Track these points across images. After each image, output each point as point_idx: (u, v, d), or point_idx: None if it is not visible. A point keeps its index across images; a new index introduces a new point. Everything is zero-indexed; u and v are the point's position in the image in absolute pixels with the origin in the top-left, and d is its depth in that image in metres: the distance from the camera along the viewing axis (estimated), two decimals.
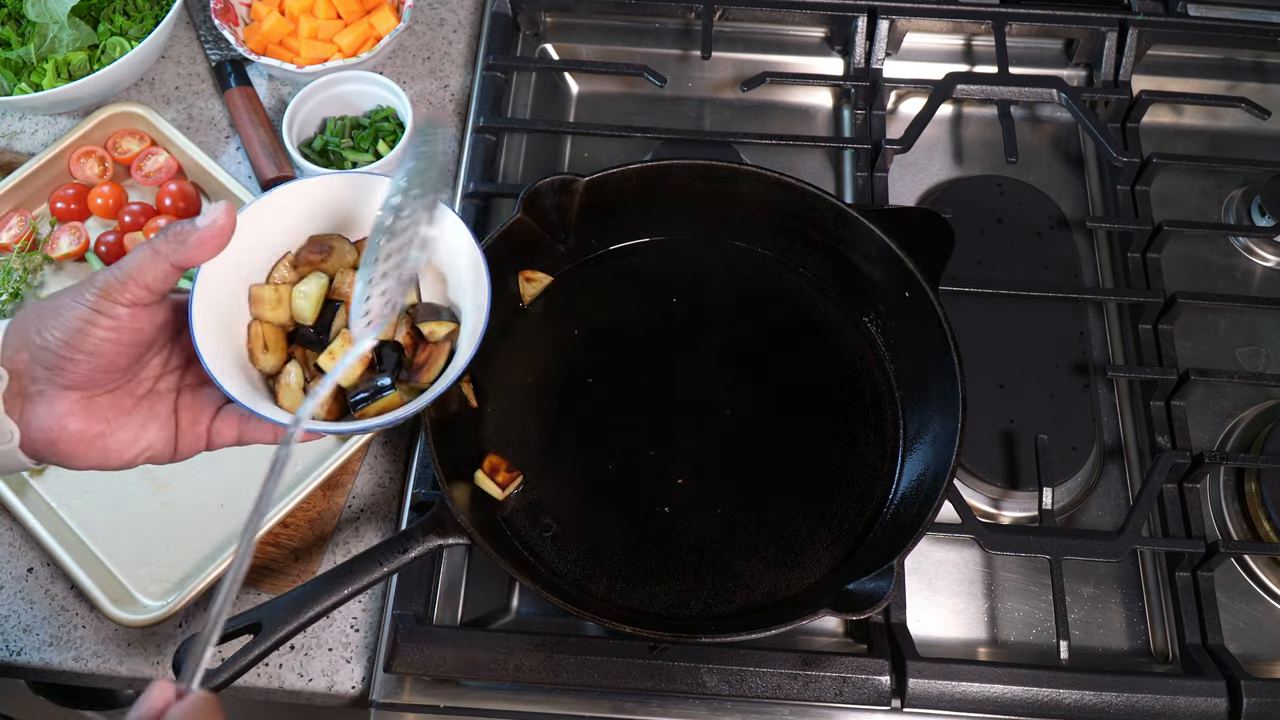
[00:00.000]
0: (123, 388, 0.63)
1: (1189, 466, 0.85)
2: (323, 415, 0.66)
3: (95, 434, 0.61)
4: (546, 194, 0.85)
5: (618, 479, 0.83)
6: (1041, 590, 0.84)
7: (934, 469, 0.79)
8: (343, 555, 0.85)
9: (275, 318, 0.67)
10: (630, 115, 1.07)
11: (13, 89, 0.98)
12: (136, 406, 0.63)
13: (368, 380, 0.67)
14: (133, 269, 0.59)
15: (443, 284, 0.71)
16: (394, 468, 0.89)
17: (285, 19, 1.03)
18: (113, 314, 0.59)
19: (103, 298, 0.58)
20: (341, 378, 0.65)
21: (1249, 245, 1.00)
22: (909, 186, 1.03)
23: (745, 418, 0.85)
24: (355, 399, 0.66)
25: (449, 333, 0.69)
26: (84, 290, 0.59)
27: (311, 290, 0.67)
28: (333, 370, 0.63)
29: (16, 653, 0.81)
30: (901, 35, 1.08)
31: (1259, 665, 0.82)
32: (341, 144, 0.97)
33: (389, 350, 0.68)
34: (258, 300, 0.67)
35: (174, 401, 0.65)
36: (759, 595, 0.78)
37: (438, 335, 0.69)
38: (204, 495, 0.86)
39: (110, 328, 0.59)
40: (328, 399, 0.66)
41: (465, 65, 1.09)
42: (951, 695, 0.76)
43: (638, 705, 0.78)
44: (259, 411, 0.62)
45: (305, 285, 0.68)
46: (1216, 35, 1.07)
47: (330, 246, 0.68)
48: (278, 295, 0.67)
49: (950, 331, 0.80)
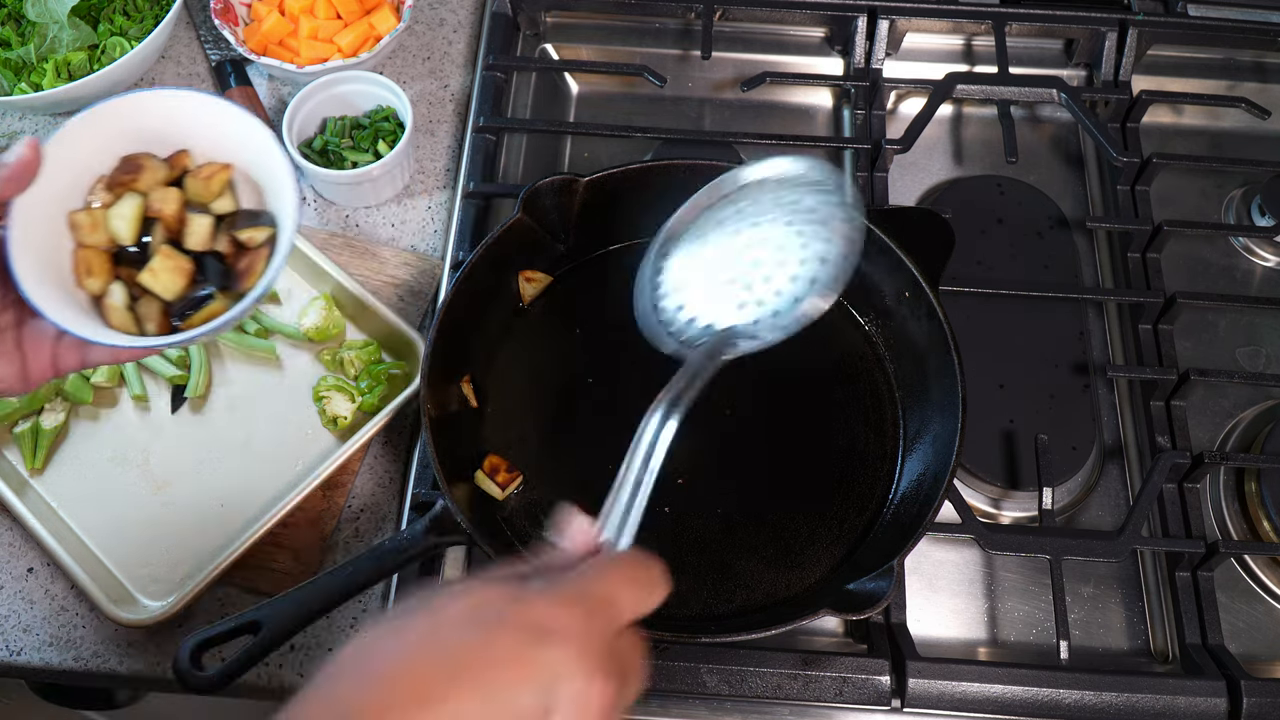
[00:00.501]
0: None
1: (1189, 466, 0.85)
2: (154, 330, 0.68)
3: None
4: (546, 194, 0.85)
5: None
6: (1041, 590, 0.84)
7: (934, 469, 0.79)
8: (343, 555, 0.85)
9: (95, 241, 0.69)
10: (630, 115, 1.07)
11: (13, 89, 0.98)
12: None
13: (191, 291, 0.69)
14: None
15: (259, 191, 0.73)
16: (394, 468, 0.89)
17: (285, 19, 1.03)
18: None
19: None
20: (164, 291, 0.68)
21: (1249, 245, 1.00)
22: (909, 186, 1.03)
23: (745, 418, 0.85)
24: (179, 312, 0.68)
25: (267, 237, 0.70)
26: None
27: (127, 212, 0.69)
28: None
29: (16, 653, 0.81)
30: (901, 35, 1.08)
31: (1259, 665, 0.82)
32: (341, 144, 0.97)
33: (211, 260, 0.69)
34: (76, 226, 0.68)
35: (17, 334, 0.66)
36: (759, 595, 0.78)
37: (256, 240, 0.70)
38: (204, 495, 0.86)
39: None
40: (156, 314, 0.68)
41: (465, 65, 1.09)
42: (951, 695, 0.76)
43: (638, 705, 0.77)
44: (84, 335, 0.63)
45: (120, 207, 0.69)
46: (1216, 35, 1.07)
47: (141, 165, 0.70)
48: (93, 219, 0.68)
49: (950, 331, 0.80)
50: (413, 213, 1.00)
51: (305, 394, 0.90)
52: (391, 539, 0.72)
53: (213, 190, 0.71)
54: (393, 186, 0.99)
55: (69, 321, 0.63)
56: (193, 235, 0.70)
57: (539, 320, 0.89)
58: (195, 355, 0.89)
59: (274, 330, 0.92)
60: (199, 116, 0.71)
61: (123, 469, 0.87)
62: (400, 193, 1.01)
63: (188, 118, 0.70)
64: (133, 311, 0.69)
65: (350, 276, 0.91)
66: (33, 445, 0.86)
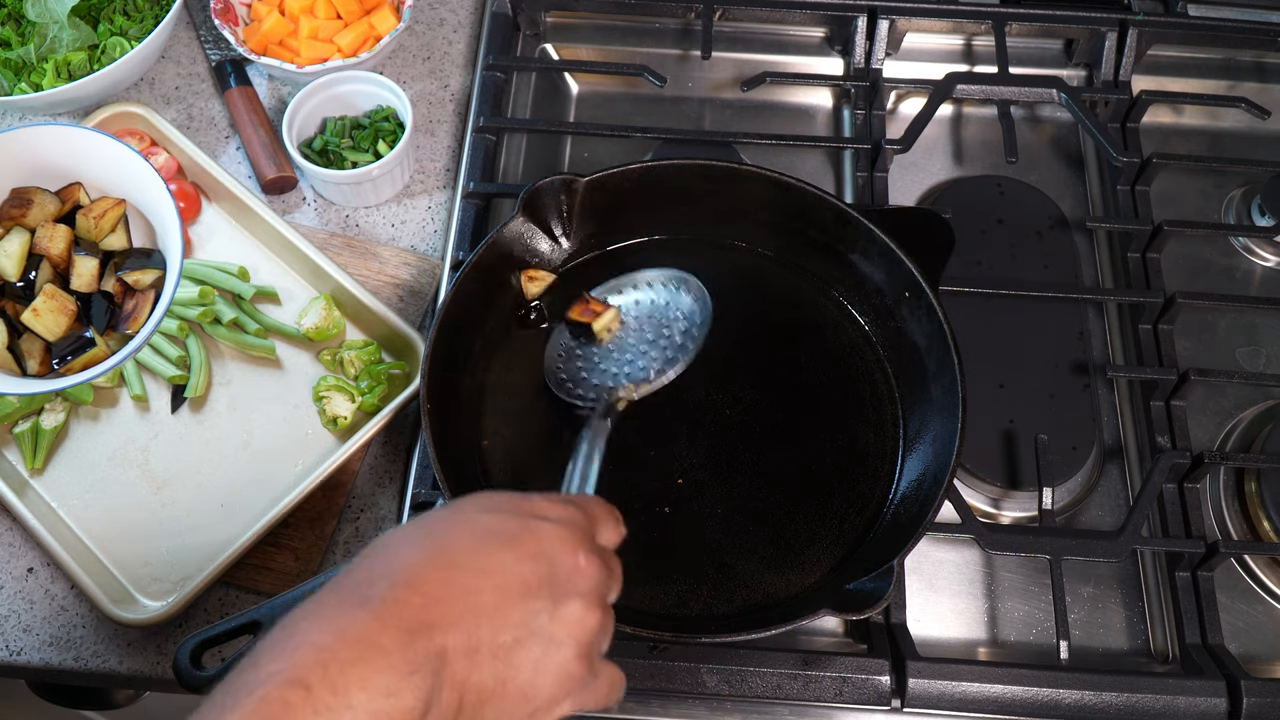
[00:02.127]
0: None
1: (1189, 466, 0.85)
2: (35, 368, 0.68)
3: None
4: (546, 194, 0.85)
5: (617, 479, 0.82)
6: (1041, 590, 0.84)
7: (934, 469, 0.79)
8: (343, 555, 0.85)
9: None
10: (630, 115, 1.07)
11: (13, 89, 0.98)
12: None
13: (74, 334, 0.68)
14: None
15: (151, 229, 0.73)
16: (394, 468, 0.89)
17: (285, 19, 1.03)
18: None
19: None
20: (46, 332, 0.68)
21: (1249, 245, 1.00)
22: (909, 186, 1.03)
23: (745, 417, 0.85)
24: (60, 354, 0.68)
25: (155, 279, 0.70)
26: None
27: (13, 249, 0.69)
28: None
29: (16, 653, 0.81)
30: (901, 35, 1.08)
31: (1259, 665, 0.82)
32: (341, 144, 0.97)
33: (98, 300, 0.69)
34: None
35: None
36: (759, 595, 0.78)
37: (143, 283, 0.71)
38: (204, 495, 0.86)
39: None
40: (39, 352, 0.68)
41: (465, 65, 1.09)
42: (951, 695, 0.76)
43: (638, 705, 0.78)
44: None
45: (6, 243, 0.69)
46: (1216, 35, 1.07)
47: (30, 200, 0.70)
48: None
49: (950, 331, 0.80)
50: (413, 213, 1.00)
51: (305, 394, 0.90)
52: None
53: (104, 229, 0.70)
54: (393, 186, 0.99)
55: None
56: (79, 277, 0.69)
57: (539, 320, 0.89)
58: (195, 355, 0.89)
59: (274, 330, 0.92)
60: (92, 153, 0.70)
61: (123, 469, 0.87)
62: (400, 193, 1.01)
63: (81, 154, 0.70)
64: (13, 350, 0.68)
65: (350, 276, 0.91)
66: (33, 445, 0.86)
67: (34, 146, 0.70)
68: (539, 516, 0.53)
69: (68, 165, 0.70)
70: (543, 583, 0.51)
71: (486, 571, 0.50)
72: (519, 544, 0.51)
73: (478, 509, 0.53)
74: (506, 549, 0.51)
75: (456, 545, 0.51)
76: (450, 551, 0.50)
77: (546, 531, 0.52)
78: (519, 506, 0.54)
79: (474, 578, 0.49)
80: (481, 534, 0.51)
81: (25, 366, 0.68)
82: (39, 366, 0.68)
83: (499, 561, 0.50)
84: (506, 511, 0.53)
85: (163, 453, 0.88)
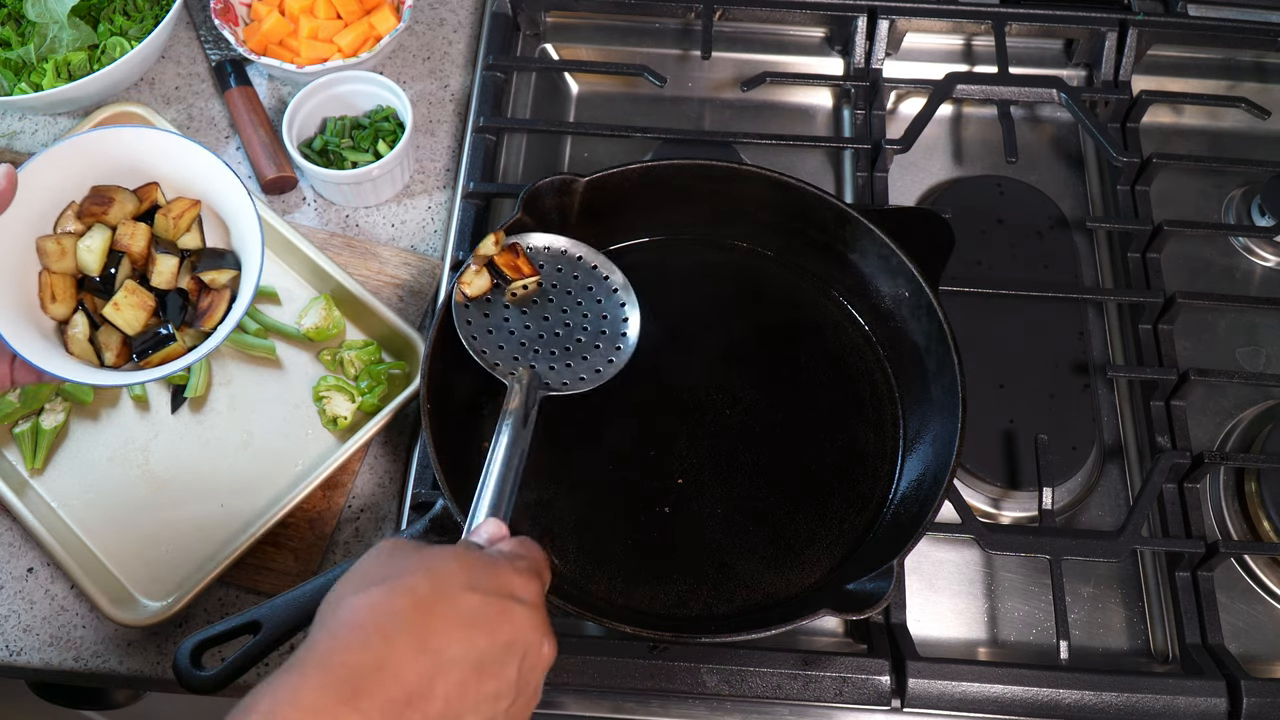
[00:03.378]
0: None
1: (1189, 466, 0.85)
2: (112, 360, 0.70)
3: None
4: (546, 194, 0.85)
5: (617, 479, 0.83)
6: (1041, 590, 0.84)
7: (934, 469, 0.79)
8: (343, 555, 0.85)
9: (62, 268, 0.70)
10: (630, 115, 1.07)
11: (13, 89, 0.98)
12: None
13: (152, 329, 0.70)
14: None
15: (227, 231, 0.75)
16: (394, 468, 0.89)
17: (285, 19, 1.03)
18: None
19: None
20: (125, 326, 0.70)
21: (1249, 245, 1.00)
22: (909, 186, 1.03)
23: (745, 418, 0.85)
24: (139, 349, 0.69)
25: (230, 279, 0.72)
26: None
27: (95, 244, 0.70)
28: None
29: (16, 653, 0.81)
30: (901, 35, 1.08)
31: (1259, 665, 0.82)
32: (341, 144, 0.97)
33: (173, 298, 0.71)
34: (43, 252, 0.70)
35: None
36: (759, 595, 0.78)
37: (219, 282, 0.72)
38: (204, 495, 0.86)
39: None
40: (116, 345, 0.70)
41: (465, 65, 1.09)
42: (951, 695, 0.76)
43: (638, 705, 0.78)
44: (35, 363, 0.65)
45: (89, 239, 0.71)
46: (1216, 35, 1.07)
47: (111, 198, 0.71)
48: (61, 247, 0.70)
49: (950, 331, 0.80)
50: (413, 213, 1.00)
51: (305, 394, 0.90)
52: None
53: (180, 228, 0.72)
54: (393, 186, 0.99)
55: (24, 346, 0.66)
56: (159, 274, 0.72)
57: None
58: None
59: (274, 330, 0.92)
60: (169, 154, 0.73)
61: (123, 469, 0.87)
62: (400, 193, 1.01)
63: (158, 154, 0.72)
64: (93, 342, 0.70)
65: (350, 276, 0.91)
66: (33, 445, 0.86)
67: (113, 147, 0.72)
68: (515, 598, 0.55)
69: (142, 165, 0.73)
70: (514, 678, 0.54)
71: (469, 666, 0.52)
72: (498, 632, 0.54)
73: (462, 586, 0.54)
74: (487, 637, 0.53)
75: (445, 636, 0.52)
76: (437, 643, 0.52)
77: (521, 618, 0.55)
78: (499, 584, 0.56)
79: (458, 673, 0.52)
80: (467, 622, 0.53)
81: (103, 358, 0.70)
82: (115, 359, 0.71)
83: (481, 654, 0.53)
84: (488, 592, 0.55)
85: (163, 453, 0.88)
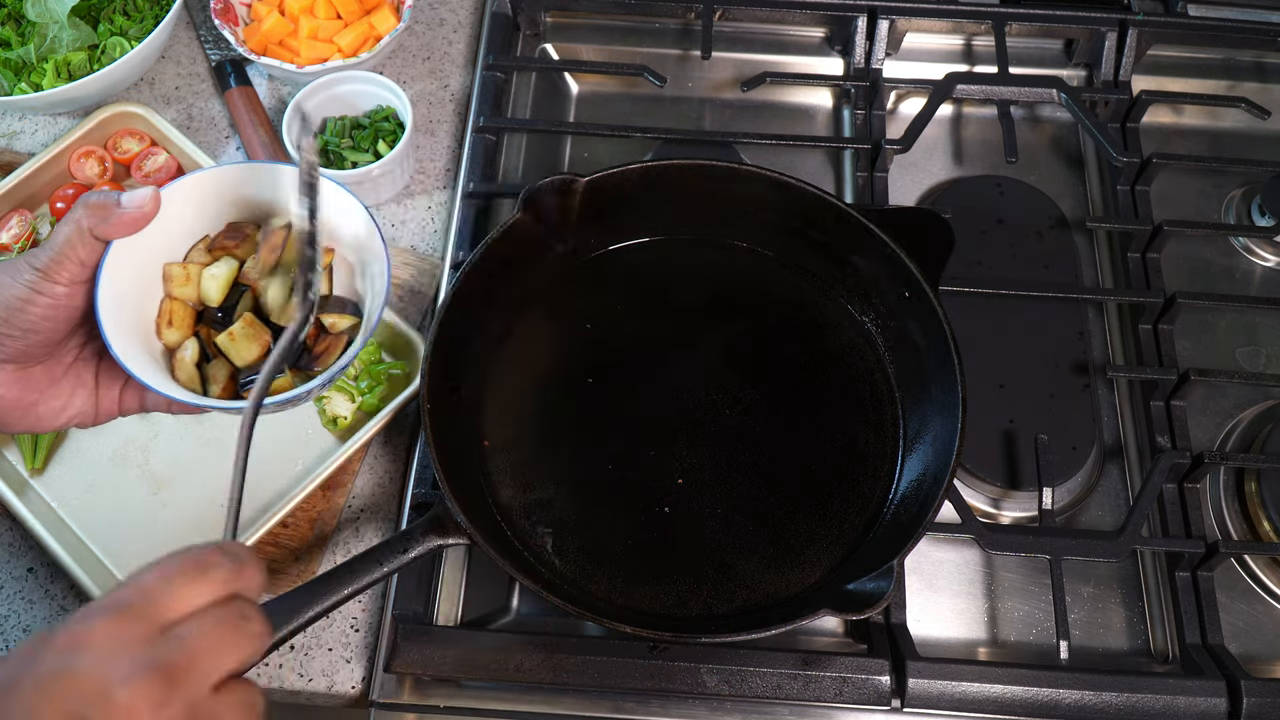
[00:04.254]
0: (53, 357, 0.65)
1: (1189, 466, 0.85)
2: (218, 392, 0.70)
3: (29, 403, 0.64)
4: (546, 194, 0.85)
5: (618, 479, 0.83)
6: (1041, 590, 0.84)
7: (934, 469, 0.79)
8: (343, 555, 0.85)
9: (184, 295, 0.70)
10: (630, 115, 1.07)
11: (13, 89, 0.98)
12: (65, 375, 0.66)
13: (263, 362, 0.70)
14: (64, 246, 0.61)
15: (352, 274, 0.74)
16: (394, 468, 0.89)
17: (285, 19, 1.03)
18: (51, 293, 0.61)
19: (43, 278, 0.61)
20: (237, 357, 0.70)
21: (1249, 245, 1.00)
22: (909, 186, 1.03)
23: (745, 417, 0.85)
24: (245, 381, 0.69)
25: (350, 326, 0.72)
26: (20, 270, 0.61)
27: (220, 273, 0.70)
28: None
29: None
30: (901, 35, 1.08)
31: (1259, 665, 0.82)
32: (341, 144, 0.97)
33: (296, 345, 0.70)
34: (169, 277, 0.70)
35: (96, 367, 0.68)
36: (759, 595, 0.78)
37: (339, 328, 0.72)
38: (204, 495, 0.86)
39: (48, 305, 0.62)
40: (224, 378, 0.70)
41: (465, 65, 1.09)
42: (951, 695, 0.76)
43: (638, 705, 0.78)
44: (146, 383, 0.65)
45: (215, 268, 0.70)
46: (1216, 35, 1.07)
47: (245, 234, 0.71)
48: (187, 274, 0.70)
49: (950, 331, 0.80)
50: (413, 213, 1.00)
51: None
52: (391, 539, 0.72)
53: None
54: (393, 186, 0.99)
55: (138, 367, 0.65)
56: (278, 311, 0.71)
57: (539, 320, 0.89)
58: None
59: None
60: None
61: (123, 469, 0.87)
62: (400, 193, 1.01)
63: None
64: (200, 369, 0.70)
65: None
66: (33, 445, 0.86)
67: (253, 181, 0.72)
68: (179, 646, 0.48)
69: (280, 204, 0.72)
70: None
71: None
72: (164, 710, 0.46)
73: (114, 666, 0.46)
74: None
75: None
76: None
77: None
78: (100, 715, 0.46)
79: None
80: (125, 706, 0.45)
81: (208, 390, 0.70)
82: (221, 392, 0.70)
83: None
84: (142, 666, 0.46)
85: (163, 453, 0.88)
